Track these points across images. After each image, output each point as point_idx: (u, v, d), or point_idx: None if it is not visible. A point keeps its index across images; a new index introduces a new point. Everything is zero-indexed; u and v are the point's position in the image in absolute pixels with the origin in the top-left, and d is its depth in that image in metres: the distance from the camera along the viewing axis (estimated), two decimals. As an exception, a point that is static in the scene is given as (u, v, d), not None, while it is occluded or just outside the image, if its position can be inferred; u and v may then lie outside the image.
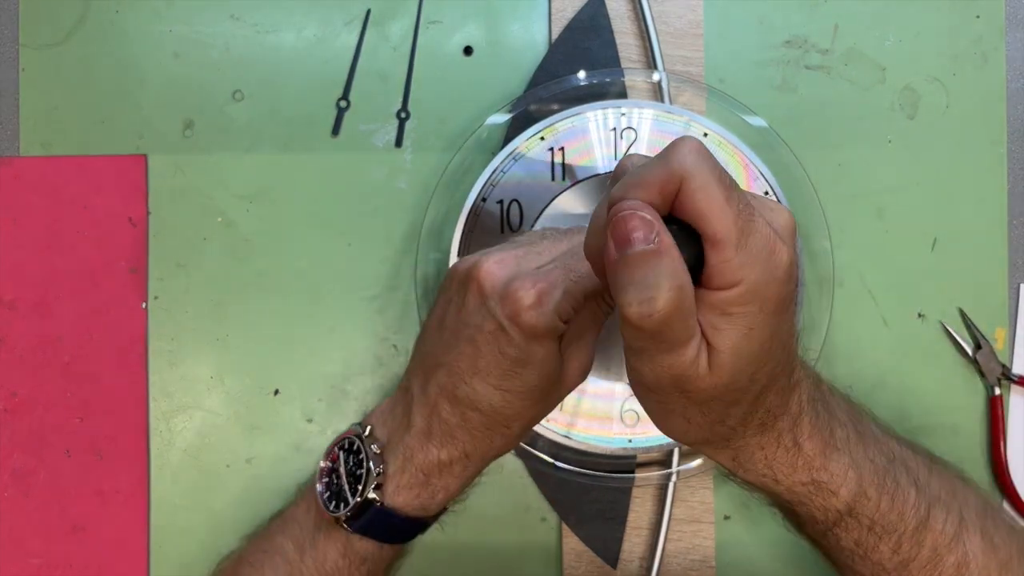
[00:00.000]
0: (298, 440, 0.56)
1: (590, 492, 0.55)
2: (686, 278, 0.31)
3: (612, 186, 0.34)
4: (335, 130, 0.57)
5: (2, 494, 0.56)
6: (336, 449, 0.45)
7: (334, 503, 0.44)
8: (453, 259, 0.53)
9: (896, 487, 0.42)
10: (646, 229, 0.31)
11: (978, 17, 0.57)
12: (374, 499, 0.43)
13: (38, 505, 0.56)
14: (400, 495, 0.43)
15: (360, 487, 0.43)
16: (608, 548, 0.55)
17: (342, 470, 0.44)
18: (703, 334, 0.33)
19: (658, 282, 0.31)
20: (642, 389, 0.36)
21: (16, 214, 0.57)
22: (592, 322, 0.42)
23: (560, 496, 0.55)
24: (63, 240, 0.56)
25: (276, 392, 0.56)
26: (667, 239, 0.31)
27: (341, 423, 0.56)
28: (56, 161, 0.57)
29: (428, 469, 0.43)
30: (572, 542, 0.55)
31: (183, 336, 0.56)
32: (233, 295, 0.56)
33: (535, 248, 0.42)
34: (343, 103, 0.57)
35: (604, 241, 0.32)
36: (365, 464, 0.43)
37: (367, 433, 0.45)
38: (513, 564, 0.56)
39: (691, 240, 0.33)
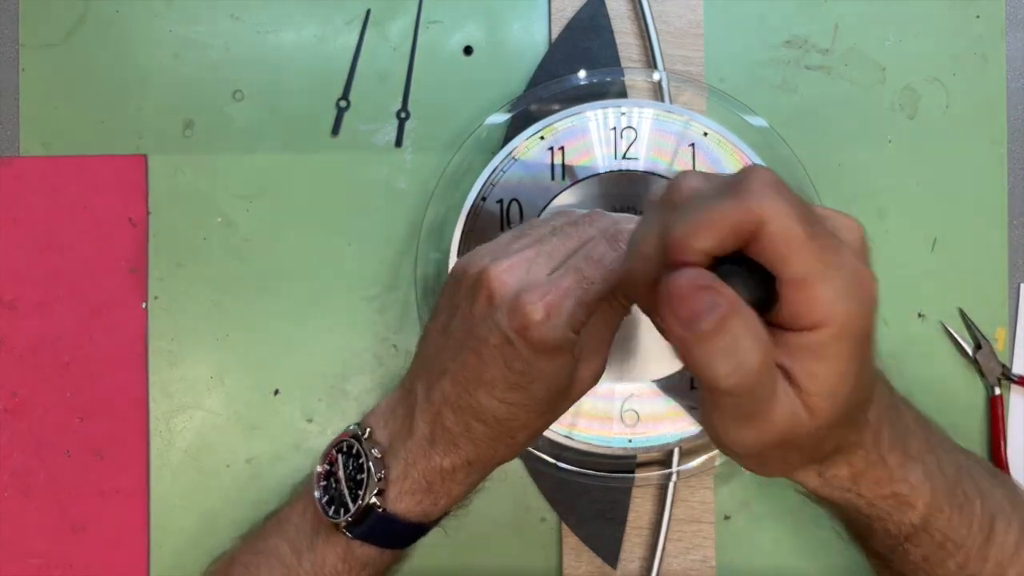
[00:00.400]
0: (298, 440, 0.56)
1: (590, 492, 0.55)
2: (762, 329, 0.29)
3: (660, 208, 0.32)
4: (335, 130, 0.57)
5: (2, 494, 0.56)
6: (334, 451, 0.45)
7: (333, 508, 0.43)
8: (453, 259, 0.53)
9: (964, 499, 0.40)
10: (711, 297, 0.28)
11: (978, 17, 0.57)
12: (375, 505, 0.42)
13: (38, 505, 0.56)
14: (402, 501, 0.42)
15: (361, 492, 0.42)
16: (608, 548, 0.55)
17: (341, 474, 0.43)
18: (794, 379, 0.31)
19: (740, 344, 0.28)
20: (746, 458, 0.34)
21: (16, 214, 0.57)
22: (606, 325, 0.41)
23: (560, 496, 0.55)
24: (63, 240, 0.56)
25: (276, 392, 0.56)
26: (730, 295, 0.28)
27: (341, 423, 0.56)
28: (56, 161, 0.57)
29: (431, 476, 0.42)
30: (572, 542, 0.55)
31: (183, 336, 0.56)
32: (233, 295, 0.56)
33: (546, 247, 0.41)
34: (343, 103, 0.57)
35: (663, 304, 0.29)
36: (366, 468, 0.42)
37: (367, 436, 0.44)
38: (513, 564, 0.56)
39: (760, 276, 0.30)
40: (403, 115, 0.57)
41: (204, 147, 0.57)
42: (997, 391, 0.56)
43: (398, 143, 0.57)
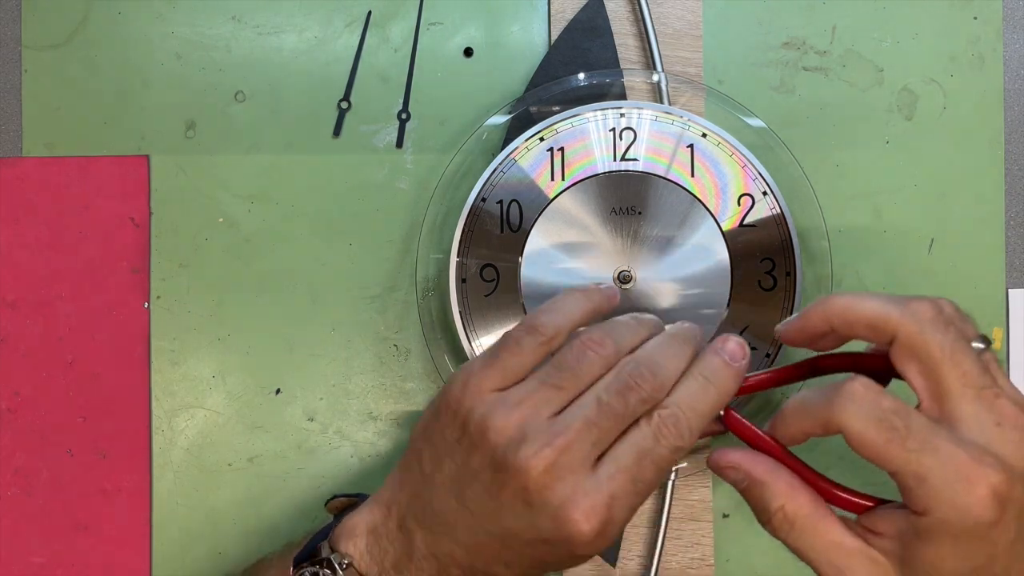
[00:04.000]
0: (300, 439, 0.56)
1: (589, 491, 0.55)
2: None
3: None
4: (336, 131, 0.57)
5: (4, 493, 0.56)
6: (306, 571, 0.40)
7: None
8: (453, 259, 0.53)
9: None
10: (734, 473, 0.38)
11: (975, 18, 0.57)
12: None
13: (40, 504, 0.56)
14: None
15: None
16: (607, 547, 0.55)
17: None
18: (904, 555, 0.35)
19: (773, 501, 0.37)
20: None
21: (18, 214, 0.57)
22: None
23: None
24: (65, 240, 0.57)
25: (278, 391, 0.57)
26: (753, 469, 0.38)
27: (342, 422, 0.56)
28: (59, 162, 0.57)
29: None
30: (572, 540, 0.56)
31: (185, 336, 0.57)
32: (235, 295, 0.57)
33: (592, 433, 0.35)
34: (344, 104, 0.57)
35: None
36: None
37: (345, 566, 0.39)
38: (513, 562, 0.56)
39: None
40: (404, 116, 0.57)
41: (206, 148, 0.57)
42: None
43: (399, 144, 0.57)
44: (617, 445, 0.36)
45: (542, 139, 0.53)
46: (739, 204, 0.53)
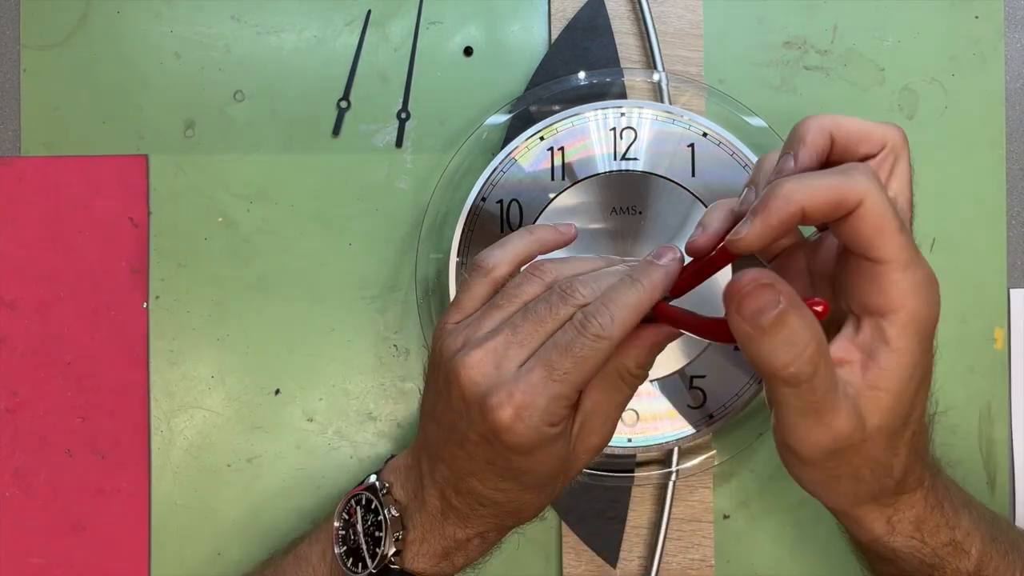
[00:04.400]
0: (299, 439, 0.56)
1: (590, 491, 0.55)
2: (815, 322, 0.32)
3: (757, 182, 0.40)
4: (336, 130, 0.57)
5: (3, 493, 0.56)
6: (353, 503, 0.44)
7: (352, 560, 0.43)
8: (453, 259, 0.53)
9: (1009, 546, 0.42)
10: (772, 294, 0.31)
11: (977, 18, 0.57)
12: (393, 564, 0.42)
13: (39, 505, 0.56)
14: (420, 562, 0.43)
15: (379, 550, 0.42)
16: (607, 547, 0.55)
17: (359, 527, 0.44)
18: (863, 374, 0.34)
19: (798, 335, 0.32)
20: (811, 467, 0.36)
21: (17, 214, 0.57)
22: (609, 399, 0.40)
23: (560, 495, 0.55)
24: (64, 240, 0.57)
25: (277, 392, 0.56)
26: (788, 291, 0.32)
27: (342, 422, 0.56)
28: (57, 161, 0.57)
29: (447, 544, 0.43)
30: (572, 541, 0.56)
31: (184, 336, 0.56)
32: (234, 295, 0.56)
33: (517, 335, 0.38)
34: (344, 103, 0.57)
35: (728, 303, 0.32)
36: (384, 527, 0.42)
37: (385, 491, 0.44)
38: (512, 562, 0.56)
39: None
40: (403, 115, 0.57)
41: (205, 147, 0.57)
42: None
43: (398, 143, 0.57)
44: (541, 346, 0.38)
45: (542, 138, 0.53)
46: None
